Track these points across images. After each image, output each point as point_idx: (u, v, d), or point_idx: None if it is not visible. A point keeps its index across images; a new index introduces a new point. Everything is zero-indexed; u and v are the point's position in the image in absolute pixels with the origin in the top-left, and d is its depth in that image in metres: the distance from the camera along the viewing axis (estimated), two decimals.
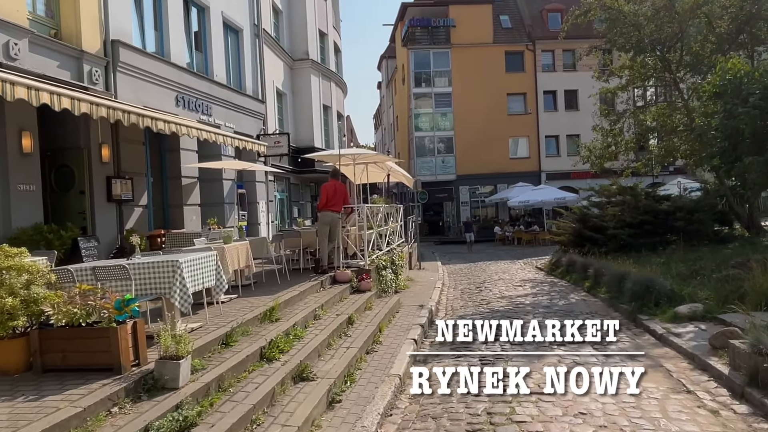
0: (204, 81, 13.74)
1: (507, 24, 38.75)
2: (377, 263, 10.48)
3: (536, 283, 14.11)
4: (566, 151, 37.54)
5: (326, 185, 9.79)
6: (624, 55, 17.77)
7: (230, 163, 12.80)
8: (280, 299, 7.34)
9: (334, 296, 8.48)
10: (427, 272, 17.80)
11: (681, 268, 11.36)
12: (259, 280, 9.30)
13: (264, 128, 17.15)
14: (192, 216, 12.76)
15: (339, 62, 26.35)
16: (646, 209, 15.88)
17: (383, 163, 13.91)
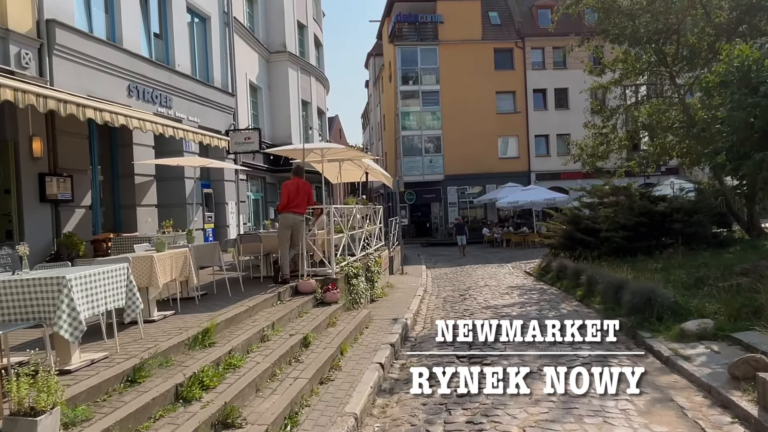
0: (163, 70, 12.57)
1: (496, 20, 37.83)
2: (347, 271, 9.38)
3: (524, 290, 13.08)
4: (556, 150, 36.68)
5: (288, 183, 8.68)
6: (617, 47, 16.82)
7: (191, 160, 11.64)
8: (220, 317, 6.22)
9: (291, 311, 7.37)
10: (409, 277, 16.74)
11: (682, 276, 10.39)
12: (209, 291, 8.18)
13: (234, 123, 15.99)
14: (147, 218, 11.59)
15: (320, 56, 25.22)
16: (642, 210, 14.95)
17: (359, 160, 12.80)
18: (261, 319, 6.77)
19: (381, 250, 14.21)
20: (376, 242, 14.06)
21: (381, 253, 13.63)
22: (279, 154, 13.10)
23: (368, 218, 13.24)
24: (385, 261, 14.02)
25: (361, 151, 15.24)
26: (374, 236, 13.74)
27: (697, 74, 16.08)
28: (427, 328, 9.34)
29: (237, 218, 15.85)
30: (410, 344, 8.10)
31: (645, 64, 16.59)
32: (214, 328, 5.74)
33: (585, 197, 17.32)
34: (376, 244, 14.05)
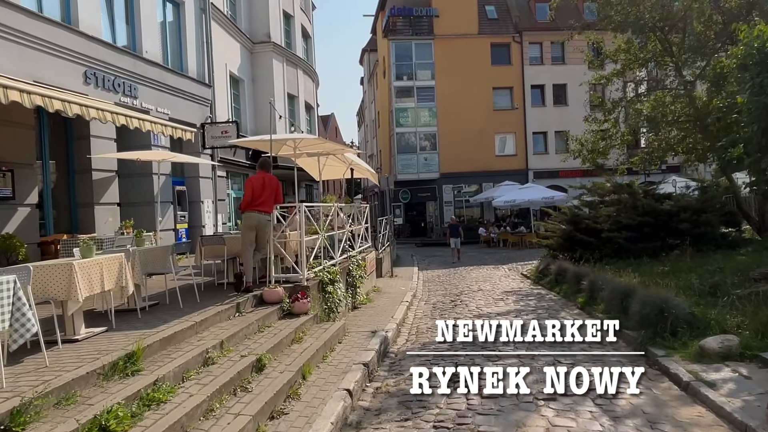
0: (127, 57, 11.56)
1: (493, 14, 36.80)
2: (322, 277, 8.37)
3: (521, 295, 12.10)
4: (554, 148, 35.70)
5: (252, 179, 7.67)
6: (620, 37, 15.84)
7: (155, 154, 10.63)
8: (156, 336, 5.22)
9: (249, 325, 6.37)
10: (399, 280, 15.77)
11: (693, 281, 9.41)
12: (162, 301, 7.17)
13: (211, 116, 14.96)
14: (107, 217, 10.58)
15: (309, 49, 24.18)
16: (646, 209, 14.00)
17: (342, 155, 11.79)
18: (210, 336, 5.76)
19: (367, 252, 13.22)
20: (362, 243, 13.06)
21: (367, 256, 12.63)
22: (246, 146, 12.10)
23: (353, 217, 12.24)
24: (371, 264, 13.03)
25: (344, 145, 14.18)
26: (359, 237, 12.74)
27: (704, 65, 15.13)
28: (412, 341, 8.37)
29: (215, 218, 14.84)
30: (389, 361, 7.12)
31: (649, 53, 15.60)
32: (142, 351, 4.74)
33: (585, 195, 16.37)
34: (362, 246, 13.06)
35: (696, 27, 14.91)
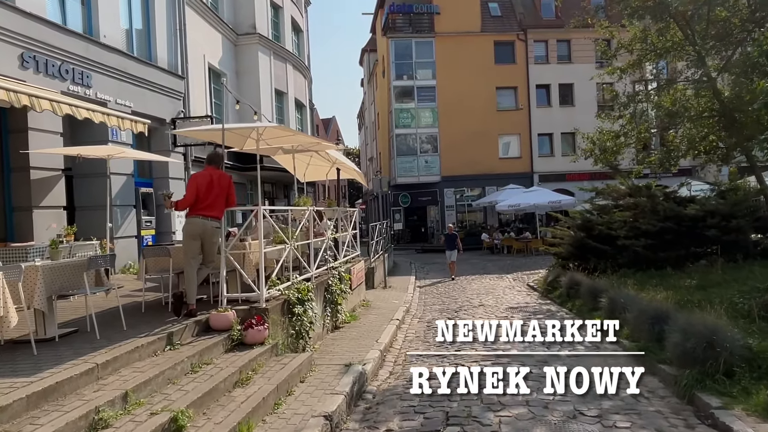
0: (78, 40, 10.16)
1: (496, 11, 35.38)
2: (288, 295, 6.91)
3: (528, 312, 10.61)
4: (560, 150, 34.22)
5: (197, 176, 6.22)
6: (636, 24, 14.37)
7: (101, 149, 9.20)
8: (25, 389, 3.77)
9: (178, 364, 4.90)
10: (393, 292, 14.32)
11: (734, 297, 7.93)
12: (82, 327, 5.73)
13: (183, 111, 13.55)
14: (50, 222, 9.16)
15: (300, 43, 22.79)
16: (668, 214, 12.52)
17: (326, 152, 10.34)
18: (114, 384, 4.30)
19: (355, 262, 11.78)
20: (348, 252, 11.61)
21: (354, 266, 11.18)
22: (193, 137, 10.71)
23: (334, 221, 10.80)
24: (358, 275, 11.58)
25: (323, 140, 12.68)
26: (345, 245, 11.30)
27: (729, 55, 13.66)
28: (397, 373, 6.90)
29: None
30: (364, 405, 5.65)
31: (668, 42, 14.12)
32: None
33: (597, 199, 14.89)
34: (349, 255, 11.62)
35: (720, 14, 13.47)
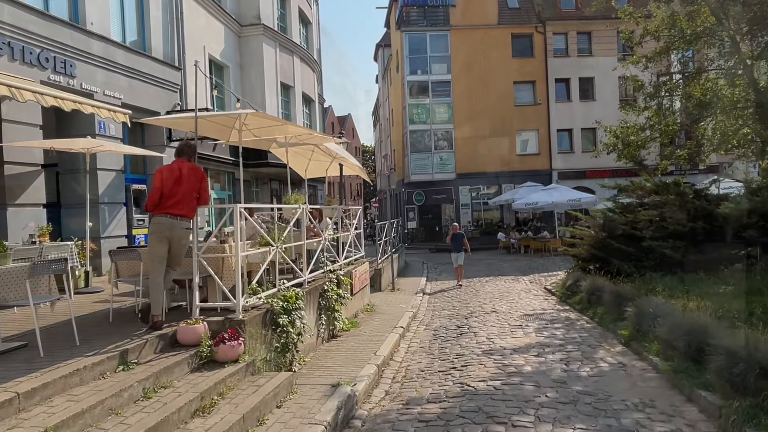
0: (60, 26, 9.53)
1: (514, 3, 34.24)
2: (271, 305, 6.15)
3: (545, 321, 9.70)
4: (581, 146, 32.99)
5: (162, 169, 5.47)
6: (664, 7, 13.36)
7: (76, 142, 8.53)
8: None
9: (125, 390, 4.15)
10: (400, 295, 13.53)
11: None
12: (31, 341, 5.03)
13: (180, 104, 12.90)
14: (27, 221, 8.53)
15: (309, 36, 22.05)
16: (699, 213, 11.52)
17: (325, 146, 9.56)
18: (38, 417, 3.57)
19: (358, 264, 11.00)
20: (351, 253, 10.84)
21: (356, 269, 10.41)
22: (162, 125, 10.03)
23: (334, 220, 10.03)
24: (361, 278, 10.80)
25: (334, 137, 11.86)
26: (346, 245, 10.53)
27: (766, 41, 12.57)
28: (393, 394, 6.08)
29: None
30: None
31: (699, 27, 13.08)
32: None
33: (620, 197, 13.88)
34: (351, 256, 10.84)
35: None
